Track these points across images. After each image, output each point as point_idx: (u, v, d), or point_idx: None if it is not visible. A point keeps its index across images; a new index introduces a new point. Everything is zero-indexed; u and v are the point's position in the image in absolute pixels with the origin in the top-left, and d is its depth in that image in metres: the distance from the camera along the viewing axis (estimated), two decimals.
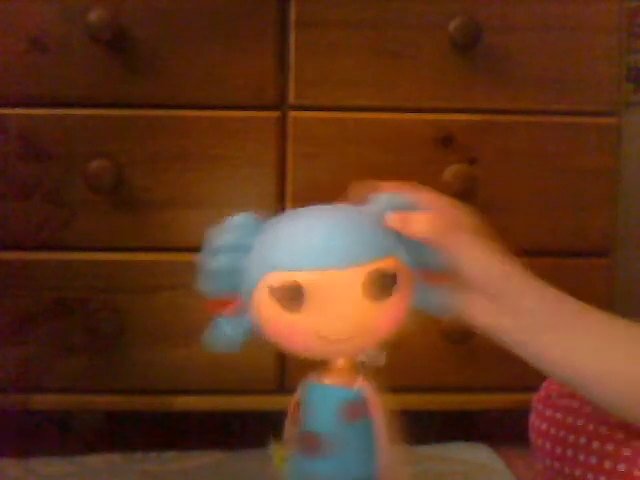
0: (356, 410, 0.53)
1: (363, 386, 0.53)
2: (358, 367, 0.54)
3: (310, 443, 0.53)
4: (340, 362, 0.54)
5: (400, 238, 0.52)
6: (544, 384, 0.71)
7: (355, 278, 0.49)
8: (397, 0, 0.91)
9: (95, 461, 0.92)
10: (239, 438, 0.99)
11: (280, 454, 0.56)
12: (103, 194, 0.90)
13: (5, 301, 0.91)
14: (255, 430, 1.02)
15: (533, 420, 0.69)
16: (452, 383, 0.96)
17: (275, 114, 0.92)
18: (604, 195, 0.95)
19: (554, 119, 0.94)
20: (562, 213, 0.95)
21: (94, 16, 0.87)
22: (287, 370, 0.93)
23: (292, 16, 0.91)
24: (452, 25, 0.90)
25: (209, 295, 0.56)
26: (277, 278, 0.50)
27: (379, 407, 0.53)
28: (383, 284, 0.50)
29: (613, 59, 0.94)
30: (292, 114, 0.92)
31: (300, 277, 0.49)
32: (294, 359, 0.80)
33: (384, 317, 0.51)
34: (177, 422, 1.03)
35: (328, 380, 0.54)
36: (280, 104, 0.92)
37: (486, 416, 0.99)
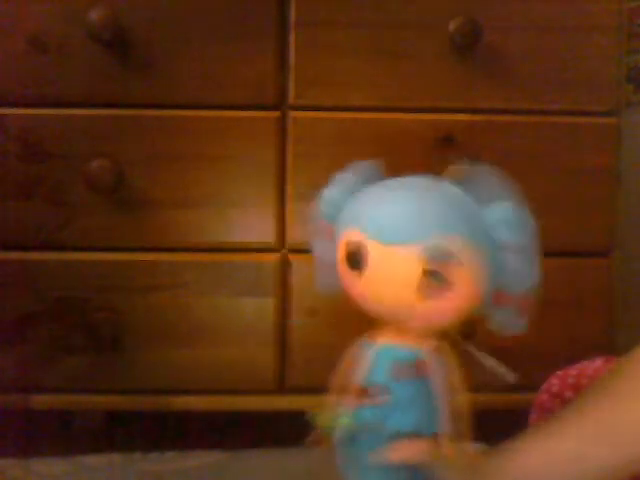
0: (406, 370, 0.54)
1: (418, 348, 0.54)
2: (415, 330, 0.55)
3: (362, 394, 0.55)
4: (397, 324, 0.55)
5: (478, 223, 0.52)
6: (544, 384, 0.71)
7: (413, 255, 0.50)
8: (397, 0, 0.91)
9: (95, 461, 0.92)
10: (239, 438, 0.99)
11: (327, 416, 0.56)
12: (103, 194, 0.90)
13: (5, 301, 0.92)
14: (255, 430, 1.02)
15: (533, 420, 0.69)
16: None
17: (275, 114, 0.92)
18: (604, 195, 0.95)
19: (554, 119, 0.94)
20: (562, 213, 0.95)
21: (94, 16, 0.87)
22: (287, 370, 0.93)
23: (292, 16, 0.91)
24: (452, 25, 0.90)
25: (318, 218, 0.58)
26: (351, 236, 0.53)
27: (436, 370, 0.54)
28: (440, 261, 0.50)
29: (613, 59, 0.94)
30: (292, 114, 0.92)
31: (366, 242, 0.52)
32: (294, 359, 0.81)
33: (442, 298, 0.51)
34: (177, 422, 1.03)
35: (383, 339, 0.55)
36: (280, 104, 0.92)
37: (486, 416, 0.99)
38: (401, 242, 0.50)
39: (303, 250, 0.77)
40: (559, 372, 0.68)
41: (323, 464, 0.58)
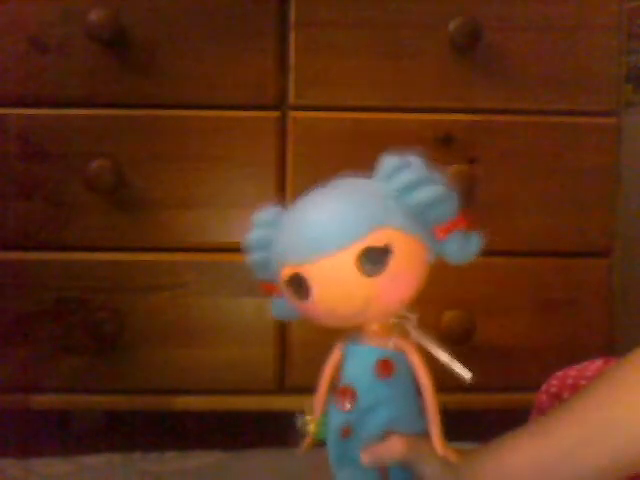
0: (389, 366, 0.55)
1: (396, 345, 0.55)
2: (391, 328, 0.56)
3: (347, 396, 0.56)
4: (373, 325, 0.56)
5: (400, 205, 0.53)
6: (544, 384, 0.71)
7: (347, 259, 0.51)
8: (397, 0, 0.91)
9: (95, 461, 0.92)
10: (239, 438, 0.99)
11: (316, 420, 0.58)
12: (103, 194, 0.90)
13: (5, 301, 0.92)
14: (255, 430, 1.02)
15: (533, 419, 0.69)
16: (452, 383, 0.96)
17: (275, 114, 0.92)
18: (604, 195, 0.95)
19: (554, 119, 0.94)
20: (562, 213, 0.95)
21: (94, 16, 0.87)
22: (287, 370, 0.93)
23: (292, 16, 0.91)
24: (452, 25, 0.90)
25: (260, 280, 0.60)
26: (285, 273, 0.54)
27: (417, 362, 0.55)
28: (374, 259, 0.51)
29: (613, 59, 0.94)
30: (292, 114, 0.92)
31: (301, 269, 0.52)
32: (294, 359, 0.81)
33: (387, 288, 0.52)
34: (177, 422, 1.04)
35: (364, 341, 0.57)
36: (280, 104, 0.92)
37: (486, 416, 0.99)
38: (332, 251, 0.51)
39: None
40: (558, 373, 0.68)
41: (322, 464, 0.58)
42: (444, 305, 0.92)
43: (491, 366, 0.92)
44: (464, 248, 0.55)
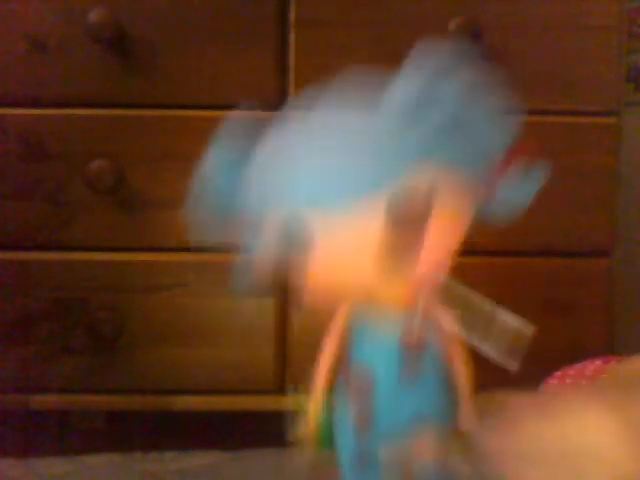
0: (417, 343, 0.43)
1: (425, 313, 0.43)
2: (418, 291, 0.43)
3: (360, 384, 0.44)
4: (395, 287, 0.42)
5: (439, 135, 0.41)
6: (543, 384, 0.71)
7: (374, 207, 0.39)
8: (397, 0, 0.91)
9: (95, 461, 0.92)
10: (239, 438, 0.99)
11: (316, 404, 0.46)
12: (103, 194, 0.90)
13: (5, 301, 0.91)
14: (255, 430, 1.02)
15: None
16: None
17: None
18: (604, 195, 0.95)
19: (554, 119, 0.94)
20: (562, 213, 0.95)
21: (94, 16, 0.87)
22: (287, 370, 0.93)
23: (292, 16, 0.91)
24: (452, 25, 0.90)
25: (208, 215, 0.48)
26: (278, 217, 0.42)
27: (449, 337, 0.44)
28: (413, 207, 0.39)
29: (613, 59, 0.94)
30: (292, 114, 0.92)
31: (304, 216, 0.41)
32: (294, 359, 0.80)
33: (428, 242, 0.40)
34: (177, 422, 1.03)
35: (383, 313, 0.44)
36: (280, 104, 0.92)
37: None
38: (350, 198, 0.39)
39: None
40: (558, 373, 0.68)
41: (323, 464, 0.58)
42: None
43: (490, 366, 0.92)
44: (518, 192, 0.43)
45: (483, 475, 0.41)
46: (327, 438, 0.47)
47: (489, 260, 0.92)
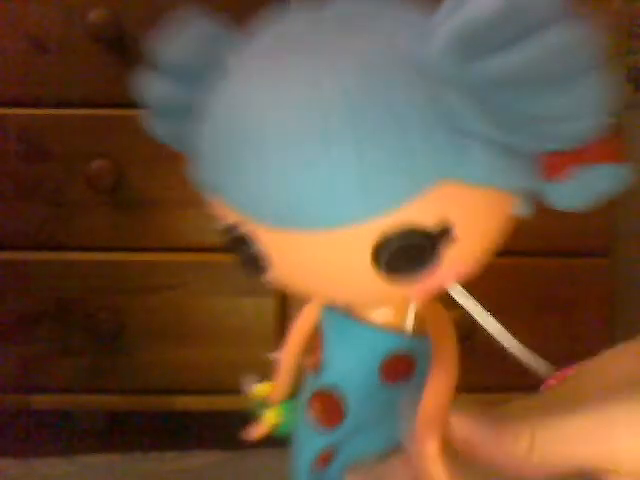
0: (406, 366, 0.34)
1: (417, 329, 0.34)
2: (410, 302, 0.34)
3: (328, 406, 0.35)
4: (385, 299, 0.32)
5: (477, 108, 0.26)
6: (543, 385, 0.71)
7: (360, 243, 0.28)
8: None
9: (95, 461, 0.92)
10: (239, 438, 0.99)
11: (277, 408, 0.39)
12: (103, 194, 0.90)
13: (5, 301, 0.92)
14: None
15: None
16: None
17: None
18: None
19: None
20: (562, 213, 0.94)
21: (94, 16, 0.87)
22: None
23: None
24: None
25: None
26: (224, 217, 0.29)
27: (446, 358, 0.33)
28: (411, 252, 0.28)
29: (613, 59, 0.94)
30: None
31: (253, 228, 0.29)
32: None
33: (433, 281, 0.32)
34: (177, 422, 1.03)
35: (364, 316, 0.34)
36: None
37: None
38: (320, 225, 0.27)
39: None
40: (557, 373, 0.68)
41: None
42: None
43: (490, 366, 0.92)
44: (587, 188, 0.32)
45: None
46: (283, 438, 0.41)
47: (489, 260, 0.92)
